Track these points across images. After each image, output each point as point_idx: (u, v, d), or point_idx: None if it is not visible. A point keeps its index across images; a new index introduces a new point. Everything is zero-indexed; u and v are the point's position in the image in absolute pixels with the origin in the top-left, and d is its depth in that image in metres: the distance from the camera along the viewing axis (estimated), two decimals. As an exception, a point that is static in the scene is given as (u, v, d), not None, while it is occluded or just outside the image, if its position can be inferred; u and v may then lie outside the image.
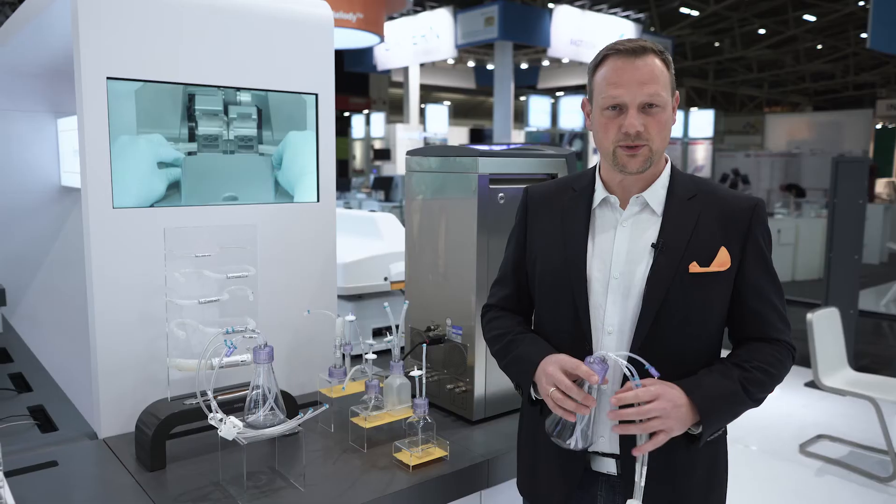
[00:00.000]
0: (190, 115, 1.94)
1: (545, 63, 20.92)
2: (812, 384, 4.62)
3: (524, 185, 1.70)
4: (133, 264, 1.86)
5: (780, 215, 11.46)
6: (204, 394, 1.54)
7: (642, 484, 1.36)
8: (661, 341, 1.35)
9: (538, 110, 14.23)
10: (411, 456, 1.71)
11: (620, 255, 1.44)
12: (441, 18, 15.13)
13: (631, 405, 1.32)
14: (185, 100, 1.92)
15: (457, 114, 21.90)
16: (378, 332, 2.63)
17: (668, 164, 1.49)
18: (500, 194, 1.94)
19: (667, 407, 1.30)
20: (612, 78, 1.39)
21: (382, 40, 11.88)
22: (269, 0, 2.08)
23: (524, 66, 20.96)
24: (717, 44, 25.31)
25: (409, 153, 2.15)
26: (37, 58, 2.58)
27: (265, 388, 1.59)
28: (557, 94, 17.96)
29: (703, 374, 1.38)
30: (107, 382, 1.86)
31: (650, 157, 1.40)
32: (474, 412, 1.99)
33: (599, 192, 1.49)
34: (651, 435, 1.33)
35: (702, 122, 17.69)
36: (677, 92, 1.45)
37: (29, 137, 3.08)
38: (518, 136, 16.41)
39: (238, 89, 2.02)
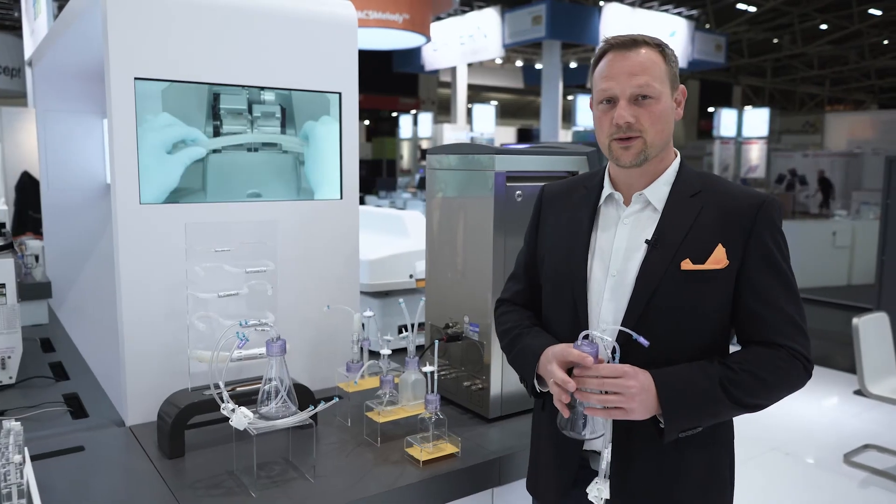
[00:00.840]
0: (215, 113, 1.99)
1: (595, 62, 20.65)
2: (861, 392, 4.46)
3: (542, 183, 1.70)
4: (158, 259, 1.92)
5: (837, 217, 11.07)
6: (217, 385, 1.59)
7: (605, 465, 1.36)
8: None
9: (586, 109, 14.09)
10: (422, 451, 1.72)
11: (619, 252, 1.43)
12: (488, 18, 15.10)
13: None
14: (210, 99, 1.98)
15: (505, 114, 21.86)
16: (404, 329, 2.65)
17: (676, 161, 1.46)
18: (518, 192, 1.94)
19: (631, 386, 1.28)
20: (605, 71, 1.40)
21: (429, 40, 11.94)
22: (294, 1, 2.12)
23: (573, 64, 20.76)
24: (775, 40, 24.58)
25: (430, 151, 2.17)
26: (81, 60, 2.69)
27: (277, 381, 1.63)
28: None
29: (681, 367, 1.34)
30: (133, 373, 1.93)
31: (644, 149, 1.39)
32: (490, 410, 1.99)
33: (606, 189, 1.49)
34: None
35: (756, 121, 17.21)
36: (683, 87, 1.43)
37: (78, 137, 3.22)
38: (566, 136, 16.27)
39: (262, 88, 2.06)
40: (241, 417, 1.54)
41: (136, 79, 1.86)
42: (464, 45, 15.90)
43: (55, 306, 3.27)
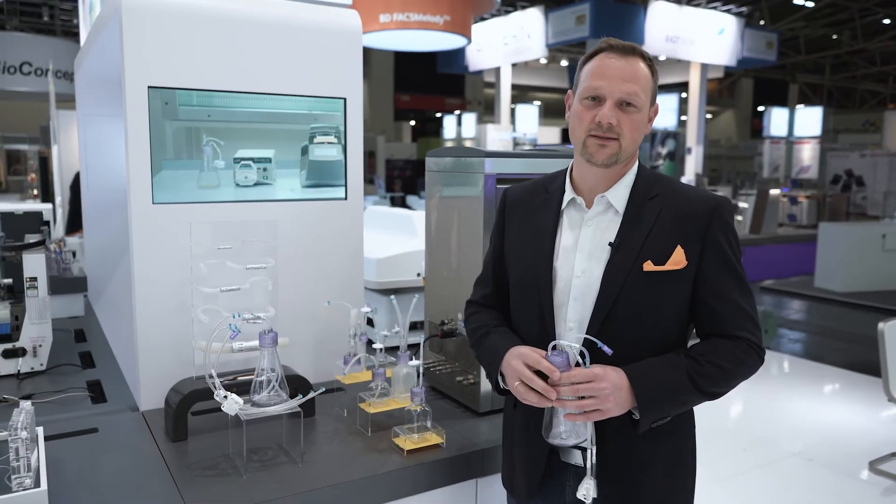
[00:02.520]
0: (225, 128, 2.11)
1: (642, 61, 20.33)
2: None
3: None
4: (168, 255, 2.05)
5: (888, 219, 10.71)
6: (211, 374, 1.70)
7: (591, 464, 1.43)
8: (615, 336, 1.40)
9: (629, 109, 13.92)
10: (406, 440, 1.80)
11: (583, 254, 1.49)
12: (532, 18, 15.09)
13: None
14: (219, 107, 2.10)
15: (550, 114, 21.72)
16: (413, 326, 2.73)
17: (636, 165, 1.53)
18: (508, 194, 2.00)
19: (604, 388, 1.35)
20: (598, 70, 1.45)
21: (469, 42, 12.02)
22: (301, 11, 2.23)
23: (620, 64, 20.46)
24: (834, 36, 23.79)
25: (429, 154, 2.24)
26: (110, 67, 2.86)
27: (269, 371, 1.73)
28: (650, 92, 17.47)
29: (650, 361, 1.42)
30: (146, 361, 2.07)
31: (618, 152, 1.45)
32: (480, 404, 2.06)
33: (568, 194, 1.55)
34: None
35: (809, 119, 16.73)
36: (657, 103, 1.51)
37: (112, 140, 3.40)
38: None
39: (270, 95, 2.17)
40: (231, 404, 1.64)
41: (149, 87, 2.00)
42: (507, 45, 15.92)
43: (93, 300, 3.47)
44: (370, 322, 2.74)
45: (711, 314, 1.46)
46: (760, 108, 21.67)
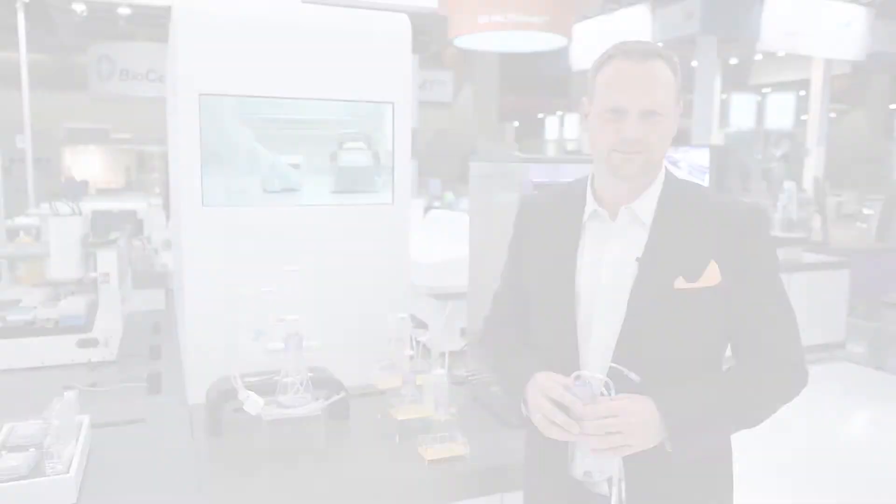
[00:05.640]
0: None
1: (758, 57, 19.22)
2: None
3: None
4: (215, 256, 2.13)
5: None
6: (235, 375, 1.74)
7: (618, 500, 1.35)
8: (645, 357, 1.31)
9: (740, 109, 13.19)
10: (428, 450, 1.78)
11: (608, 269, 1.39)
12: (638, 15, 14.62)
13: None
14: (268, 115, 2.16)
15: (659, 113, 20.94)
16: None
17: (663, 173, 1.41)
18: (547, 200, 1.93)
19: (631, 422, 1.26)
20: (616, 81, 1.34)
21: (570, 41, 11.78)
22: (350, 17, 2.25)
23: (733, 60, 19.42)
24: (985, 26, 21.50)
25: (473, 158, 2.21)
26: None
27: (293, 373, 1.76)
28: (763, 90, 16.42)
29: (682, 389, 1.31)
30: (194, 357, 2.16)
31: (646, 164, 1.35)
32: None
33: (590, 205, 1.44)
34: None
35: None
36: (681, 102, 1.39)
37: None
38: (721, 137, 15.35)
39: (319, 101, 2.21)
40: (252, 404, 1.69)
41: (200, 94, 2.08)
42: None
43: (176, 295, 3.67)
44: (424, 326, 2.74)
45: (748, 332, 1.35)
46: (893, 106, 19.94)
